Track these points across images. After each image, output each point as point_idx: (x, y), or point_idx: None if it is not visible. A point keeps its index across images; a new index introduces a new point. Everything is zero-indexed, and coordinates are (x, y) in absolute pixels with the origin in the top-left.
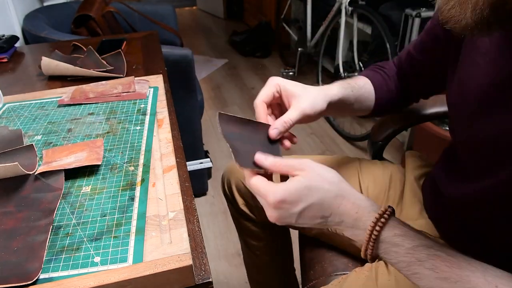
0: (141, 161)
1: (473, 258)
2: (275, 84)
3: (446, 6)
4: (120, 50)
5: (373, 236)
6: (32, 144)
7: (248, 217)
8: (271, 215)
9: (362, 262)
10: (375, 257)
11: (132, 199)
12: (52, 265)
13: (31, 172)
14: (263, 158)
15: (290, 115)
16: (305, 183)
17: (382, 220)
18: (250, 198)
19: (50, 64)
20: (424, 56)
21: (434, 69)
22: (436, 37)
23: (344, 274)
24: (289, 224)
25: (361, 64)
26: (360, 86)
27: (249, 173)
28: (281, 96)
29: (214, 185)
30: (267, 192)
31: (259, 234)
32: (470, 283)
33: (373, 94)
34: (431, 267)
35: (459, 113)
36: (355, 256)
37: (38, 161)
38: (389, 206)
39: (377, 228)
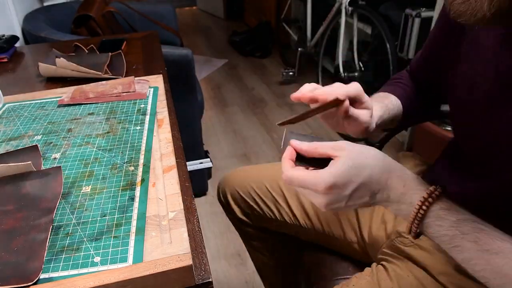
0: (141, 161)
1: None
2: (360, 89)
3: (457, 1)
4: (120, 50)
5: (420, 213)
6: (36, 145)
7: (248, 224)
8: (321, 201)
9: (362, 266)
10: (419, 234)
11: (132, 199)
12: (52, 265)
13: (35, 170)
14: (298, 143)
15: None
16: (351, 163)
17: (430, 199)
18: (245, 205)
19: (48, 69)
20: (433, 55)
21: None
22: (443, 31)
23: (344, 278)
24: (338, 209)
25: (361, 64)
26: (393, 106)
27: (286, 165)
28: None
29: (214, 185)
30: (316, 179)
31: (262, 235)
32: None
33: (401, 109)
34: (474, 239)
35: (466, 109)
36: (355, 261)
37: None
38: (439, 186)
39: (424, 207)
